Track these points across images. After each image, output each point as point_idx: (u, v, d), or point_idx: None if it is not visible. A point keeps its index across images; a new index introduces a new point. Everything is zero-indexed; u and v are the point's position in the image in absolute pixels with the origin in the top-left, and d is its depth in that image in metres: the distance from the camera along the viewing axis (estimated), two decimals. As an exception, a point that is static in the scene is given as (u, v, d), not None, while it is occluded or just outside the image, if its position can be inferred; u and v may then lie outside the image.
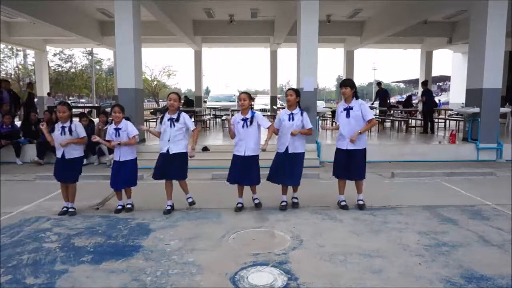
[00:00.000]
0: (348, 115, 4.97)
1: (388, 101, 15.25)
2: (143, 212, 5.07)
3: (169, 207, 5.04)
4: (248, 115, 4.98)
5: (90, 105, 26.12)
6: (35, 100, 15.02)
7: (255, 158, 5.03)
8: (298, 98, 5.12)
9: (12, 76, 28.19)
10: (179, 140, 4.93)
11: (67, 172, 4.95)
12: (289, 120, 5.02)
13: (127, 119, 5.15)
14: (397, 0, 12.05)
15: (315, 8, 8.63)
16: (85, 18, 14.28)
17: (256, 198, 5.23)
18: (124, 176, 5.03)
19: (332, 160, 5.27)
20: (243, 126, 4.95)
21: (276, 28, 15.46)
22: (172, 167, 4.92)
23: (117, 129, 4.99)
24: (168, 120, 4.92)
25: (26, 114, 9.49)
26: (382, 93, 14.87)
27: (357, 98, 5.04)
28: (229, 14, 14.47)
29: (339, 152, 5.12)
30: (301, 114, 5.07)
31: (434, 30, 15.78)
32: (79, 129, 4.98)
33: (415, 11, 11.88)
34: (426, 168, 7.77)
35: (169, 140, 4.89)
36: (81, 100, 41.01)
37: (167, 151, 4.90)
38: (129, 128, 5.03)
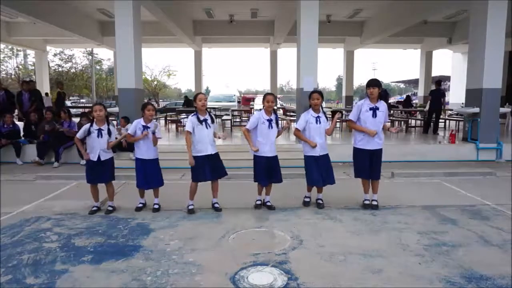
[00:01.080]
0: (375, 115, 4.97)
1: (388, 102, 15.27)
2: (143, 212, 5.07)
3: (192, 207, 5.07)
4: (273, 116, 5.03)
5: (91, 105, 26.10)
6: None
7: (277, 157, 5.15)
8: (322, 100, 5.17)
9: (12, 76, 28.20)
10: (214, 140, 5.07)
11: (105, 173, 5.02)
12: (316, 123, 5.05)
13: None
14: (397, 0, 12.05)
15: (315, 8, 8.63)
16: (85, 18, 14.29)
17: (269, 201, 5.26)
18: (157, 175, 5.10)
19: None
20: (268, 127, 4.99)
21: (276, 28, 15.47)
22: (218, 166, 5.05)
23: (145, 127, 5.00)
24: (203, 121, 4.93)
25: (58, 114, 9.42)
26: (382, 93, 14.86)
27: (381, 98, 5.09)
28: (229, 14, 14.48)
29: (364, 153, 5.05)
30: (325, 116, 5.16)
31: (434, 30, 15.79)
32: (113, 129, 5.10)
33: (415, 11, 11.88)
34: (426, 168, 7.77)
35: (209, 142, 4.96)
36: (82, 100, 41.04)
37: (211, 152, 4.97)
38: (158, 129, 5.12)
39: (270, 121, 4.99)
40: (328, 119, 5.23)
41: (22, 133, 9.19)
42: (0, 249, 3.86)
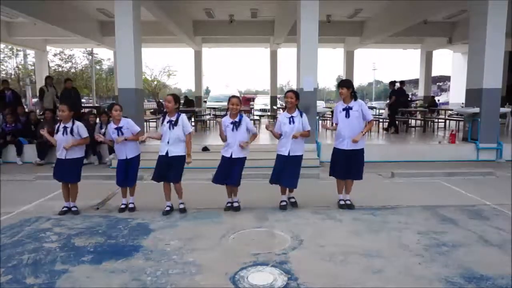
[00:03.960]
0: (347, 115, 4.99)
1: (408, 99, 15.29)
2: (143, 212, 5.06)
3: (168, 208, 5.04)
4: (237, 119, 4.99)
5: (91, 105, 26.08)
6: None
7: (241, 160, 5.04)
8: (298, 101, 5.11)
9: (12, 76, 28.16)
10: (179, 142, 4.95)
11: (69, 173, 4.96)
12: (289, 123, 5.03)
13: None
14: (397, 0, 12.05)
15: (315, 8, 8.62)
16: (85, 18, 14.27)
17: (236, 201, 5.21)
18: (133, 173, 5.10)
19: (327, 160, 5.27)
20: (232, 129, 4.96)
21: (276, 28, 15.46)
22: (172, 169, 4.96)
23: (118, 128, 4.99)
24: (167, 122, 4.92)
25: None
26: (392, 94, 14.72)
27: (355, 98, 5.07)
28: (229, 14, 14.47)
29: (338, 152, 5.12)
30: (301, 116, 5.08)
31: (434, 30, 15.77)
32: (81, 129, 4.98)
33: (415, 11, 11.88)
34: (426, 168, 7.77)
35: (168, 142, 4.90)
36: (81, 100, 41.00)
37: (166, 153, 4.91)
38: (131, 125, 5.07)
39: (234, 123, 4.94)
40: (303, 116, 5.10)
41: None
42: (0, 249, 3.86)
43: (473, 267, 3.41)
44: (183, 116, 5.02)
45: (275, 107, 18.66)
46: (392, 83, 12.69)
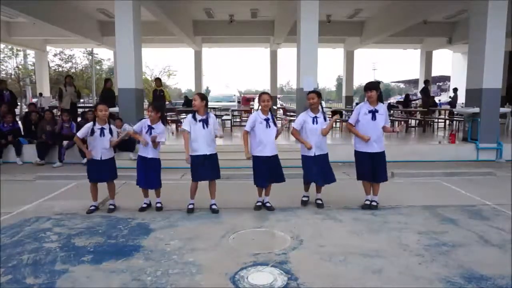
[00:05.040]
0: (374, 118, 4.96)
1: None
2: (143, 212, 5.07)
3: (191, 206, 5.09)
4: (269, 116, 5.02)
5: (91, 105, 26.08)
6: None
7: (277, 156, 5.11)
8: (320, 100, 5.16)
9: (12, 76, 28.15)
10: (212, 141, 5.02)
11: (108, 172, 5.08)
12: (313, 123, 5.04)
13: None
14: (397, 0, 12.05)
15: (315, 8, 8.63)
16: (85, 18, 14.29)
17: (268, 202, 5.22)
18: (157, 175, 5.15)
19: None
20: (266, 126, 4.96)
21: (276, 28, 15.48)
22: (212, 167, 5.03)
23: (150, 127, 5.03)
24: (200, 121, 4.90)
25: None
26: (426, 92, 14.60)
27: (381, 101, 5.08)
28: (229, 14, 14.49)
29: (364, 155, 5.05)
30: (324, 116, 5.14)
31: (434, 30, 15.79)
32: (115, 130, 5.17)
33: (415, 11, 11.89)
34: (426, 168, 7.77)
35: (205, 142, 4.92)
36: (81, 100, 40.95)
37: (205, 153, 4.93)
38: (162, 131, 5.11)
39: (267, 120, 4.97)
40: (327, 119, 5.21)
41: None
42: (0, 249, 3.86)
43: (473, 267, 3.41)
44: (213, 116, 5.08)
45: (275, 107, 18.66)
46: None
